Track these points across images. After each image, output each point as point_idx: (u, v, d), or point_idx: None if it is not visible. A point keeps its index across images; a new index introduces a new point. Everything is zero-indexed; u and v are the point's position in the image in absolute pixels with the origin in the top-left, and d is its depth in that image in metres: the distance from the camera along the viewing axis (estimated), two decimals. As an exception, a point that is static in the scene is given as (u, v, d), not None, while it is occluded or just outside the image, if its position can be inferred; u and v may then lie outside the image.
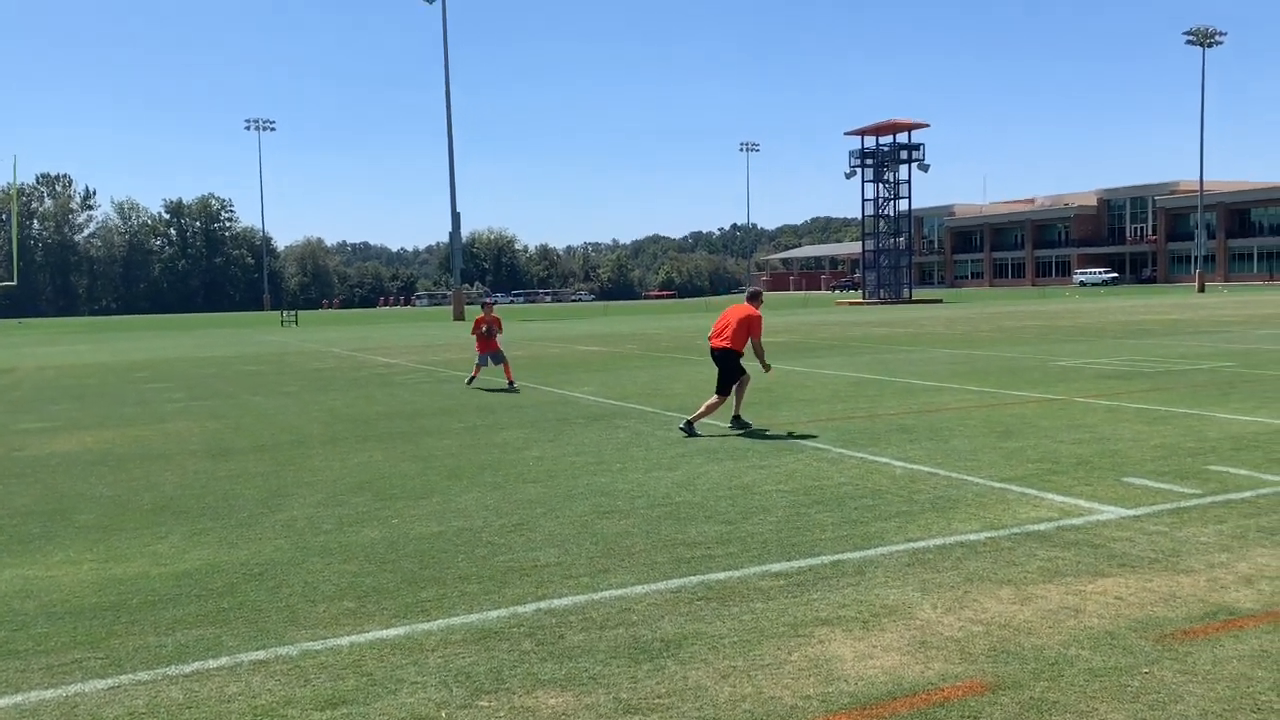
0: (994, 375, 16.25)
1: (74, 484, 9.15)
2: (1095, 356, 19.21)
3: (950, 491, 7.64)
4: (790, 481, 8.16)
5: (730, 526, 6.75)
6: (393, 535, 6.83)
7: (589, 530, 6.78)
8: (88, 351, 33.54)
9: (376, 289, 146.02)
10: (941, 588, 5.33)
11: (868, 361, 19.68)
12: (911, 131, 69.95)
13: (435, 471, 9.15)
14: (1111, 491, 7.47)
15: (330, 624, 5.06)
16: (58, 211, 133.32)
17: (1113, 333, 26.54)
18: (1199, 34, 70.87)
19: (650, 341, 29.15)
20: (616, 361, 21.85)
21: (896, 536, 6.38)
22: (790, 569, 5.75)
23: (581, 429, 11.53)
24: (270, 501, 8.06)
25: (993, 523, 6.66)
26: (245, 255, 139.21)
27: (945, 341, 25.22)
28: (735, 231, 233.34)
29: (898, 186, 70.51)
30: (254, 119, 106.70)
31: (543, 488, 8.24)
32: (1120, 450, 9.13)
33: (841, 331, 31.56)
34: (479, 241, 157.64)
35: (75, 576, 6.07)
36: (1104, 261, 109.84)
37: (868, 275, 73.18)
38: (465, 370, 20.46)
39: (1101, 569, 5.58)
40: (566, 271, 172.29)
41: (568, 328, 41.57)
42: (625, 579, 5.65)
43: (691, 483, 8.24)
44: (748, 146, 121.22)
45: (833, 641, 4.60)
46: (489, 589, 5.56)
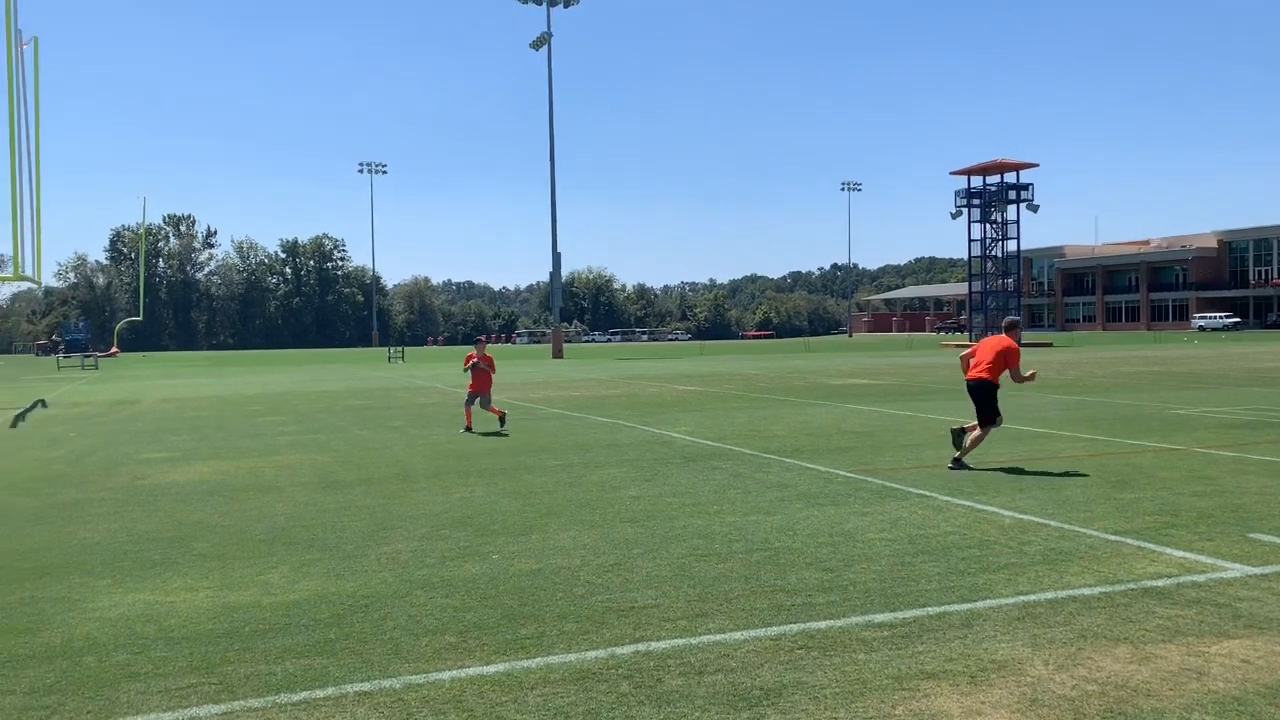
0: (1108, 422, 15.68)
1: (192, 513, 9.52)
2: (1217, 405, 18.38)
3: (1062, 543, 7.37)
4: (894, 529, 7.99)
5: (832, 574, 6.64)
6: (493, 571, 6.91)
7: (686, 573, 6.74)
8: (205, 385, 35.00)
9: (479, 327, 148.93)
10: (1054, 644, 5.14)
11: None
12: (1020, 171, 68.51)
13: (534, 508, 9.24)
14: (1236, 548, 7.10)
15: (432, 658, 5.13)
16: (182, 250, 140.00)
17: (1236, 380, 25.36)
18: (1328, 69, 67.87)
19: (748, 382, 29.01)
20: (714, 402, 21.79)
21: (1006, 589, 6.17)
22: (894, 620, 5.61)
23: (678, 469, 11.52)
24: (376, 534, 8.25)
25: (1108, 577, 6.39)
26: (355, 293, 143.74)
27: (1056, 387, 24.45)
28: (836, 271, 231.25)
29: (1005, 227, 68.99)
30: (367, 162, 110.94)
31: (640, 528, 8.24)
32: (1245, 504, 8.68)
33: (947, 375, 30.89)
34: (578, 281, 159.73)
35: (192, 603, 6.30)
36: (1224, 305, 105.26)
37: (974, 317, 71.57)
38: (563, 408, 20.68)
39: (1226, 630, 5.30)
40: (663, 311, 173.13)
41: (664, 367, 41.68)
42: (724, 624, 5.59)
43: (791, 528, 8.14)
44: (850, 186, 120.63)
45: (939, 696, 4.46)
46: (587, 629, 5.56)
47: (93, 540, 8.29)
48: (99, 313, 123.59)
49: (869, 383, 27.55)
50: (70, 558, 7.64)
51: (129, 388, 33.49)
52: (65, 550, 7.92)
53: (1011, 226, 68.79)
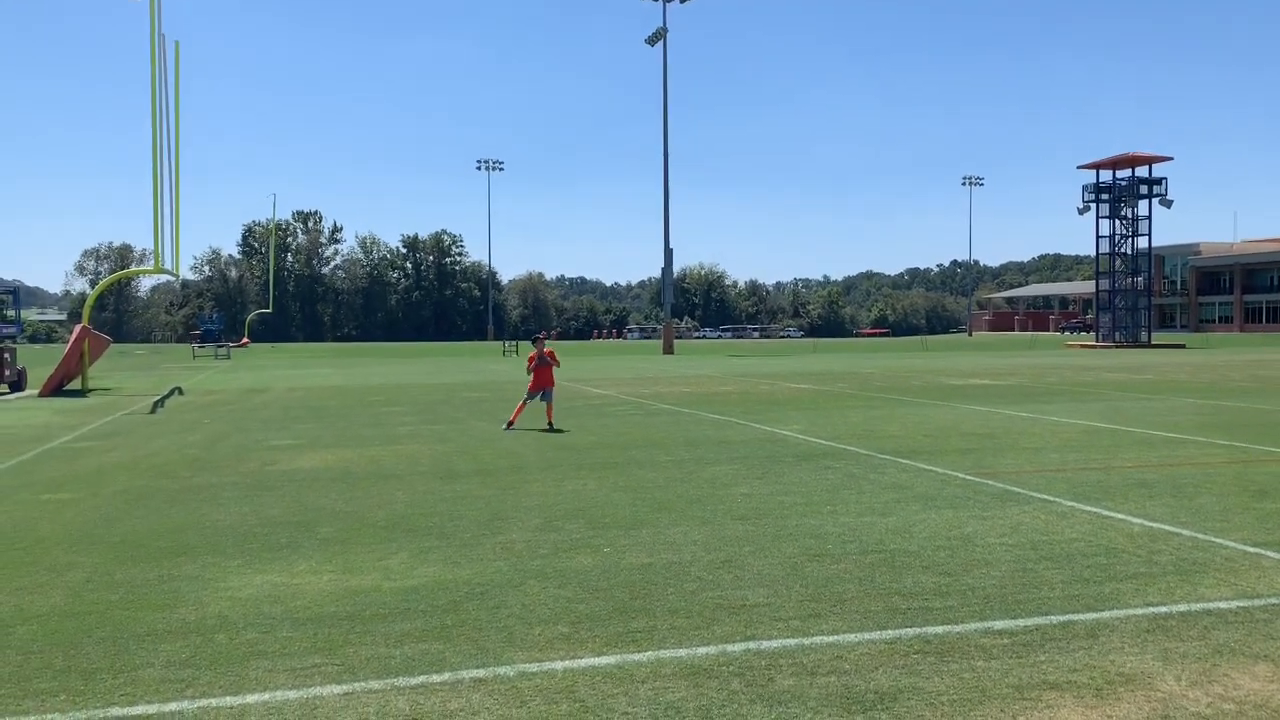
0: (1247, 429, 14.88)
1: (317, 498, 9.87)
2: (1369, 412, 17.25)
3: (1196, 554, 7.02)
4: (1015, 534, 7.74)
5: (949, 578, 6.47)
6: (605, 563, 6.97)
7: (798, 572, 6.67)
8: (329, 375, 36.27)
9: (591, 322, 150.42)
10: (1186, 658, 4.90)
11: (1101, 409, 18.47)
12: (1152, 165, 65.57)
13: (645, 503, 9.28)
14: (1392, 565, 6.65)
15: (545, 647, 5.20)
16: (309, 245, 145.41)
17: (1391, 386, 23.76)
18: None
19: (863, 381, 28.53)
20: (827, 400, 21.51)
21: (1134, 599, 5.92)
22: (1015, 627, 5.44)
23: (790, 468, 11.40)
24: (491, 524, 8.41)
25: (1246, 591, 6.06)
26: (472, 288, 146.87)
27: (1189, 390, 23.33)
28: (955, 268, 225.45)
29: (1136, 223, 66.14)
30: (484, 159, 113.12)
31: (751, 525, 8.18)
32: (1403, 519, 8.12)
33: (1072, 376, 29.80)
34: (690, 276, 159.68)
35: (316, 586, 6.53)
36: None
37: (1102, 317, 68.86)
38: (674, 404, 20.71)
39: (1381, 653, 4.96)
40: (775, 307, 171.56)
41: (776, 364, 41.34)
42: (837, 625, 5.51)
43: (907, 530, 7.97)
44: (971, 180, 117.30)
45: (1062, 707, 4.30)
46: (698, 624, 5.56)
47: (225, 522, 8.68)
48: (231, 304, 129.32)
49: (989, 383, 26.77)
50: (204, 538, 8.02)
51: (258, 377, 34.97)
52: (199, 531, 8.32)
53: (1142, 222, 65.95)
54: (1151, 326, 70.07)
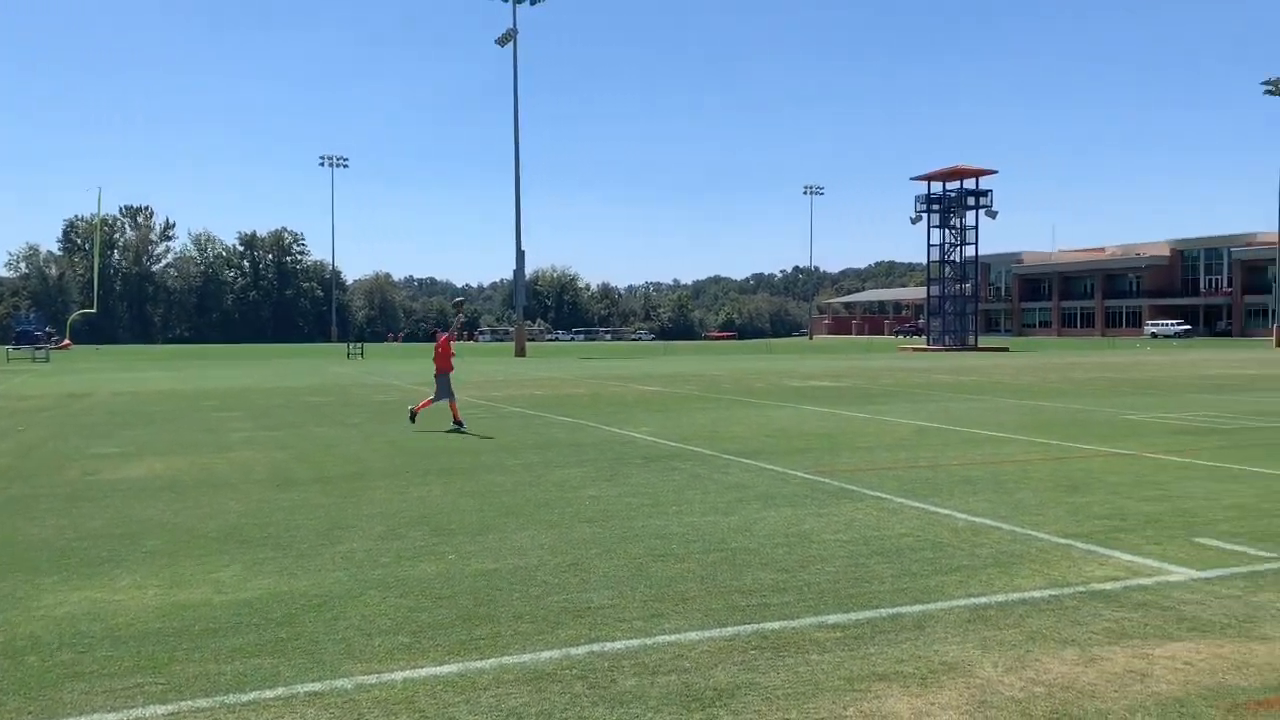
0: (1061, 427, 15.92)
1: (143, 509, 9.37)
2: (1167, 411, 18.73)
3: (1014, 546, 7.47)
4: (849, 530, 8.06)
5: (787, 575, 6.68)
6: (449, 571, 6.88)
7: (643, 573, 6.75)
8: (160, 379, 34.48)
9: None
10: (1003, 646, 5.21)
11: (931, 409, 19.41)
12: (979, 178, 69.37)
13: (492, 508, 9.21)
14: (1182, 552, 7.24)
15: (385, 658, 5.09)
16: (138, 242, 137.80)
17: (1186, 387, 25.86)
18: (1278, 84, 69.41)
19: (710, 383, 29.10)
20: (676, 402, 21.84)
21: (958, 591, 6.25)
22: (847, 621, 5.66)
23: (638, 469, 11.53)
24: (331, 533, 8.17)
25: (1057, 580, 6.49)
26: (315, 288, 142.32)
27: (1011, 391, 24.79)
28: (798, 274, 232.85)
29: (964, 232, 69.84)
30: (328, 155, 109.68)
31: (598, 528, 8.23)
32: (1192, 509, 8.86)
33: (905, 378, 31.20)
34: (542, 279, 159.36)
35: (140, 601, 6.20)
36: (1176, 313, 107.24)
37: (932, 321, 72.38)
38: (524, 407, 20.64)
39: (1171, 632, 5.40)
40: (627, 310, 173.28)
41: (627, 366, 41.69)
42: (679, 624, 5.61)
43: (749, 528, 8.18)
44: (812, 189, 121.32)
45: (889, 698, 4.51)
46: (542, 629, 5.55)
47: (39, 537, 8.14)
48: (51, 304, 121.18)
49: (828, 385, 27.74)
50: (15, 555, 7.49)
51: (81, 381, 32.90)
52: (10, 547, 7.77)
53: (970, 232, 69.70)
54: (978, 331, 74.11)
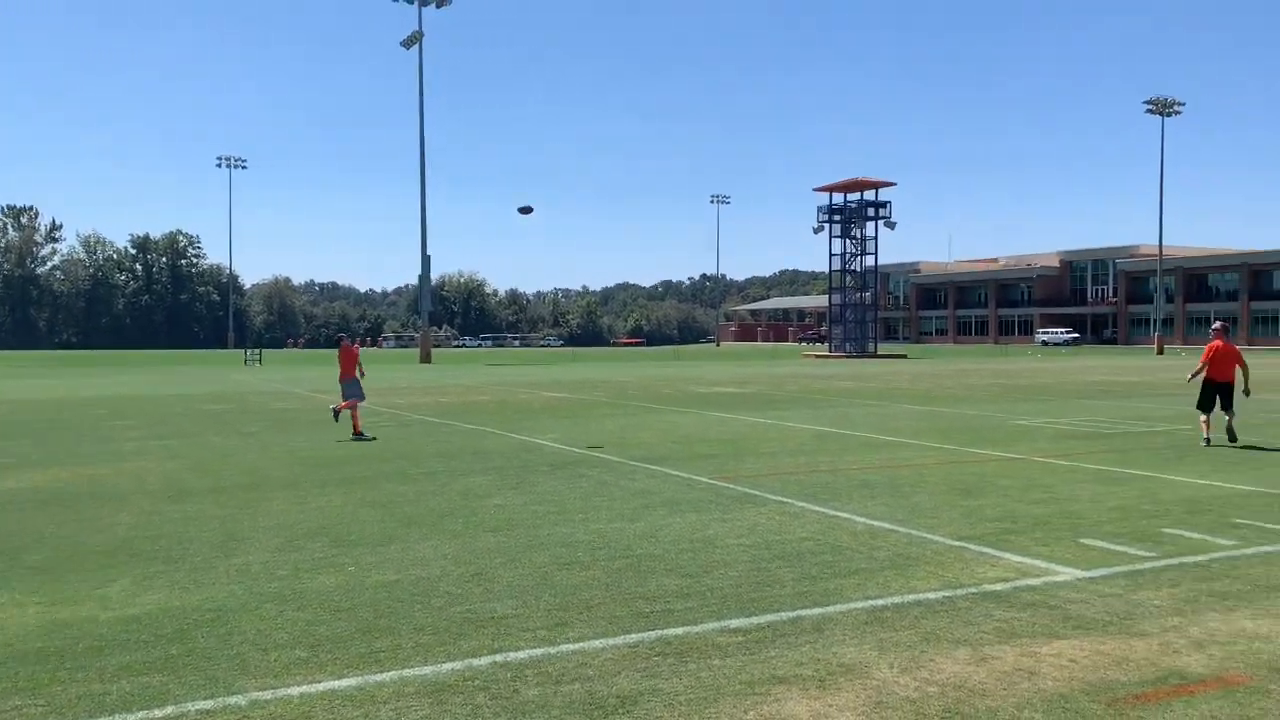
0: (956, 432, 16.40)
1: (25, 523, 8.96)
2: (1055, 416, 19.46)
3: (910, 549, 7.67)
4: (752, 535, 8.17)
5: (691, 580, 6.74)
6: (349, 583, 6.75)
7: (548, 582, 6.73)
8: (45, 386, 33.01)
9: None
10: (899, 647, 5.34)
11: (832, 415, 19.80)
12: (879, 189, 71.08)
13: (394, 518, 9.07)
14: (1068, 552, 7.54)
15: (281, 673, 4.97)
16: (21, 244, 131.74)
17: (1073, 393, 26.90)
18: (1158, 104, 72.89)
19: (618, 389, 29.16)
20: (583, 409, 21.83)
21: (856, 594, 6.39)
22: (749, 625, 5.74)
23: (545, 477, 11.49)
24: (226, 545, 7.94)
25: (951, 582, 6.69)
26: (211, 292, 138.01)
27: (909, 397, 25.44)
28: (705, 282, 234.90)
29: (864, 243, 71.45)
30: (226, 156, 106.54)
31: (503, 537, 8.18)
32: (1077, 511, 9.23)
33: (808, 384, 31.75)
34: (448, 284, 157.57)
35: (19, 620, 5.93)
36: (1065, 322, 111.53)
37: (834, 329, 73.84)
38: (429, 415, 20.38)
39: (1057, 630, 5.62)
40: (535, 316, 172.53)
41: (535, 373, 41.50)
42: (584, 632, 5.61)
43: (654, 534, 8.22)
44: (718, 199, 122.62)
45: (789, 700, 4.58)
46: (444, 640, 5.49)
47: (-91, 554, 7.71)
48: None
49: (734, 391, 28.07)
50: (-118, 573, 7.09)
51: (-43, 389, 31.26)
52: (-123, 565, 7.34)
53: (870, 242, 71.33)
54: (878, 338, 75.88)
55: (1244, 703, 4.56)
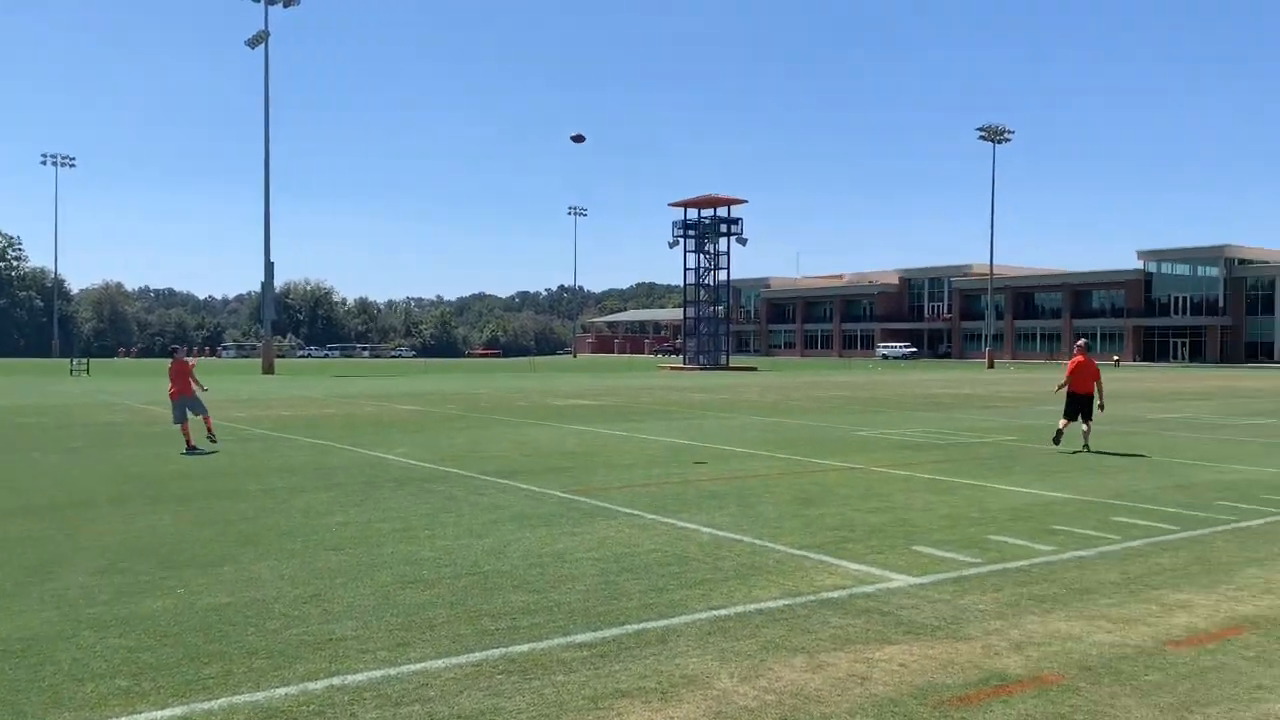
0: (801, 443, 16.89)
1: None
2: (893, 427, 20.29)
3: (754, 559, 7.84)
4: (601, 549, 8.19)
5: (538, 596, 6.70)
6: (177, 606, 6.42)
7: (390, 601, 6.58)
8: None
9: (180, 338, 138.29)
10: (740, 656, 5.45)
11: (685, 427, 20.09)
12: (731, 206, 72.68)
13: (229, 537, 8.68)
14: (902, 559, 7.86)
15: (98, 705, 4.68)
16: None
17: (910, 405, 28.11)
18: (990, 131, 77.20)
19: (471, 402, 28.80)
20: (434, 422, 21.46)
21: (700, 604, 6.49)
22: (595, 639, 5.74)
23: (391, 493, 11.23)
24: (41, 569, 7.43)
25: (791, 590, 6.87)
26: (34, 297, 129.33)
27: (758, 409, 26.06)
28: (563, 293, 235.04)
29: (717, 258, 72.88)
30: (52, 154, 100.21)
31: (344, 556, 7.95)
32: (911, 519, 9.64)
33: (662, 396, 32.12)
34: (294, 292, 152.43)
35: None
36: (904, 336, 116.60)
37: (689, 342, 75.00)
38: (269, 429, 19.64)
39: (889, 636, 5.84)
40: (387, 326, 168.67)
41: (385, 385, 40.56)
42: (425, 652, 5.50)
43: (502, 550, 8.15)
44: (576, 210, 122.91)
45: (631, 714, 4.61)
46: (279, 664, 5.29)
47: None
48: None
49: (589, 403, 28.14)
50: None
51: None
52: None
53: (723, 257, 72.81)
54: (730, 351, 77.50)
55: (1056, 701, 4.84)
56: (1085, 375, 15.97)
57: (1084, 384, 15.96)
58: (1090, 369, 16.00)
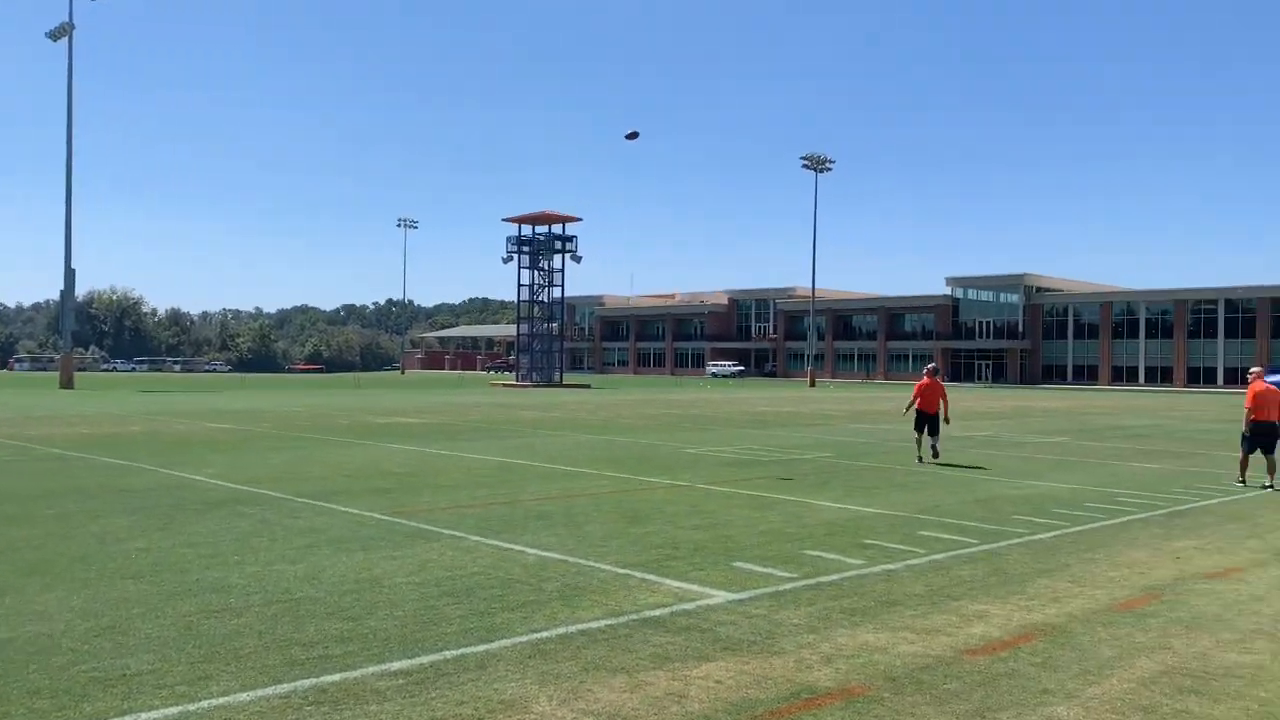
0: (630, 461, 17.04)
1: None
2: (720, 444, 20.76)
3: (578, 579, 7.84)
4: (422, 572, 8.00)
5: (353, 623, 6.48)
6: (-54, 646, 5.86)
7: (193, 632, 6.21)
8: None
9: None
10: (560, 679, 5.42)
11: (514, 445, 19.93)
12: (566, 223, 72.95)
13: (12, 566, 8.01)
14: (722, 576, 8.03)
15: None
16: None
17: (737, 423, 28.84)
18: (813, 160, 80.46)
19: (289, 420, 27.70)
20: (249, 441, 20.51)
21: (521, 627, 6.42)
22: (411, 666, 5.60)
23: (198, 517, 10.64)
24: None
25: (614, 610, 6.90)
26: None
27: (589, 427, 26.15)
28: (391, 307, 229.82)
29: (552, 274, 72.96)
30: None
31: (144, 584, 7.46)
32: (732, 536, 9.86)
33: (492, 414, 31.79)
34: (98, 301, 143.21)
35: None
36: (733, 355, 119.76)
37: (522, 358, 74.65)
38: (65, 447, 18.32)
39: (707, 653, 5.94)
40: (201, 339, 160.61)
41: (197, 401, 38.53)
42: (229, 685, 5.22)
43: (316, 576, 7.84)
44: (406, 222, 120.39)
45: (446, 743, 4.50)
46: (63, 704, 4.91)
47: None
48: None
49: (415, 421, 27.54)
50: None
51: None
52: None
53: (557, 274, 72.96)
54: (563, 368, 77.58)
55: (862, 712, 5.04)
56: (932, 395, 17.61)
57: (931, 403, 17.57)
58: (937, 389, 17.66)
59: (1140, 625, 6.80)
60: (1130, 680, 5.62)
